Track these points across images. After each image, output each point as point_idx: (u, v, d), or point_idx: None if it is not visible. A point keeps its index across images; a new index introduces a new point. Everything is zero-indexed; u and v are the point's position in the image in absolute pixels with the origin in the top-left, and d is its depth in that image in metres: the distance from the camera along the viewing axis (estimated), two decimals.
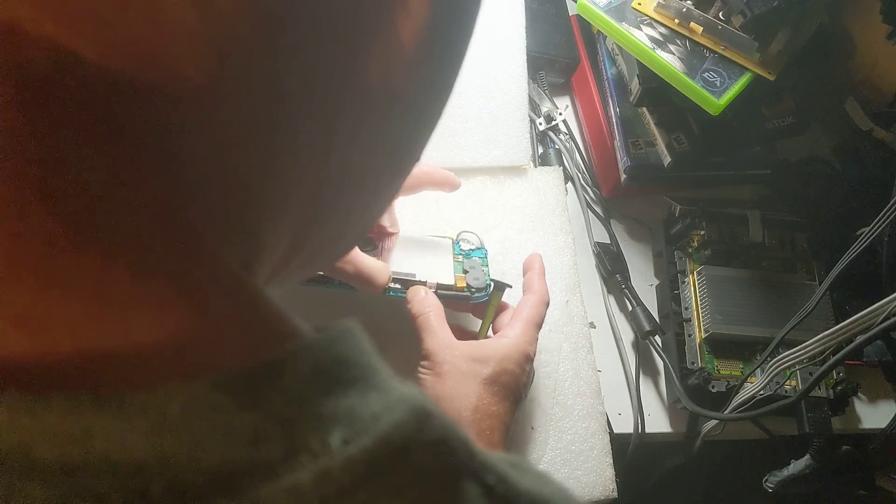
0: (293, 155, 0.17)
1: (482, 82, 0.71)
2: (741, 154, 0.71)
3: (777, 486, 0.60)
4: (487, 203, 0.68)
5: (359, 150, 0.19)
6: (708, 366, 0.64)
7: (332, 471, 0.14)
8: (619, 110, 0.71)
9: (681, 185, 0.73)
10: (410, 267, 0.58)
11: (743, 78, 0.60)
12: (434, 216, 0.66)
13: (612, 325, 0.68)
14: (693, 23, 0.61)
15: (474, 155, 0.69)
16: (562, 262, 0.66)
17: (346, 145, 0.19)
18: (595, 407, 0.61)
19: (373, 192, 0.23)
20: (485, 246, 0.63)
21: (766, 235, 0.69)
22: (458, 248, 0.62)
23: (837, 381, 0.63)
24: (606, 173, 0.73)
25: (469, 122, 0.69)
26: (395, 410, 0.15)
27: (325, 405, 0.15)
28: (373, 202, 0.24)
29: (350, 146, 0.19)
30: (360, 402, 0.15)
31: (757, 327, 0.64)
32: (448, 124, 0.69)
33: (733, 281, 0.66)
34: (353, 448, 0.14)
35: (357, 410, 0.15)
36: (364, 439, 0.14)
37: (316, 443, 0.14)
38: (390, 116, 0.19)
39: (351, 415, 0.15)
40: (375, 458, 0.14)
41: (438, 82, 0.21)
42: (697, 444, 0.64)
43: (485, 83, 0.71)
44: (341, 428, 0.14)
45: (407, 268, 0.57)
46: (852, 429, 0.66)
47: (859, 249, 0.52)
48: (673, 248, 0.69)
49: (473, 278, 0.57)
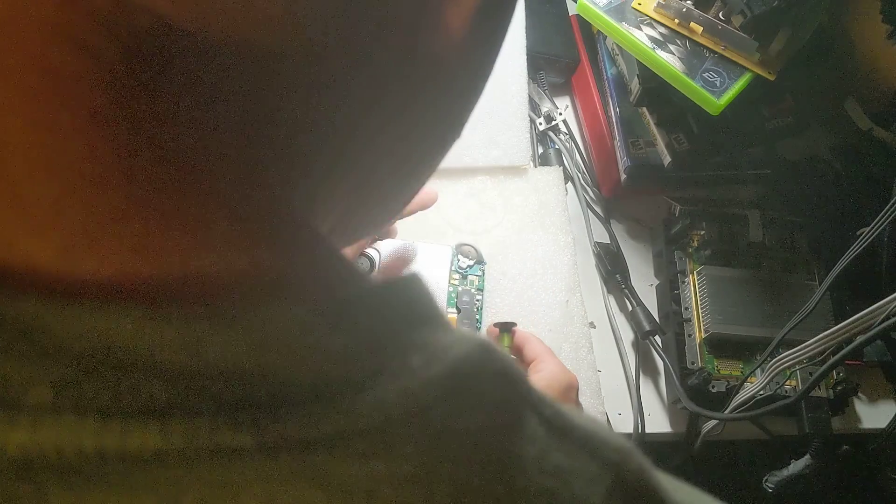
0: (355, 121, 0.19)
1: None
2: (741, 154, 0.71)
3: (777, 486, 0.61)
4: (487, 203, 0.68)
5: (410, 121, 0.21)
6: (708, 366, 0.64)
7: (413, 389, 0.15)
8: (619, 110, 0.71)
9: (681, 185, 0.73)
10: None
11: (743, 78, 0.60)
12: (434, 216, 0.66)
13: (612, 325, 0.68)
14: (693, 23, 0.61)
15: (474, 155, 0.69)
16: (562, 262, 0.66)
17: (399, 116, 0.20)
18: (595, 407, 0.61)
19: (419, 164, 0.24)
20: (484, 259, 0.63)
21: (766, 235, 0.69)
22: (455, 263, 0.62)
23: (837, 381, 0.63)
24: (606, 173, 0.73)
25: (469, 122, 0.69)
26: (464, 344, 0.17)
27: (405, 334, 0.16)
28: (418, 174, 0.26)
29: (403, 117, 0.20)
30: (432, 336, 0.17)
31: (757, 327, 0.64)
32: None
33: (733, 281, 0.66)
34: (430, 371, 0.16)
35: (431, 342, 0.17)
36: (439, 365, 0.16)
37: (398, 365, 0.16)
38: (441, 88, 0.21)
39: (427, 345, 0.16)
40: (449, 382, 0.16)
41: (485, 56, 0.22)
42: (697, 444, 0.64)
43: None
44: (420, 354, 0.16)
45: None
46: (852, 429, 0.66)
47: (859, 249, 0.52)
48: (673, 248, 0.69)
49: (462, 320, 0.57)
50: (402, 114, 0.20)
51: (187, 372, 0.13)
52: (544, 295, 0.64)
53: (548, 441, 0.17)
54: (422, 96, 0.20)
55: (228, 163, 0.16)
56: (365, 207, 0.24)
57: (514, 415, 0.17)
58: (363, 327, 0.16)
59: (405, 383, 0.15)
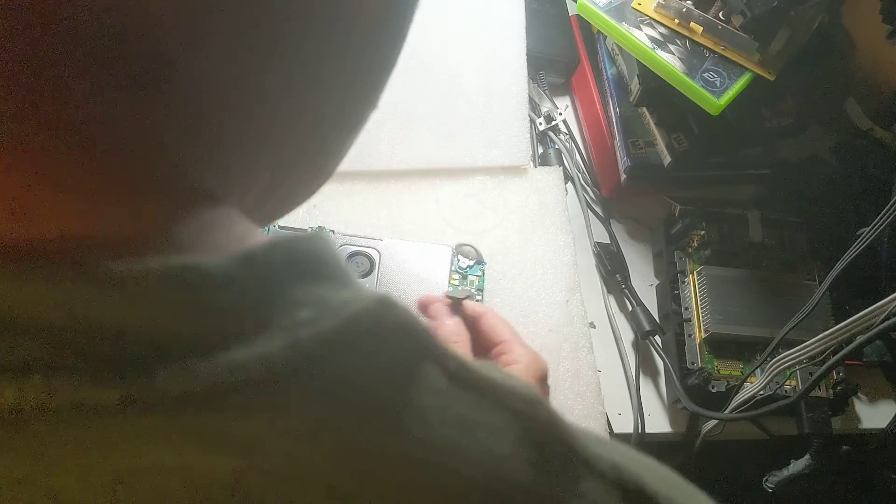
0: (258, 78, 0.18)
1: (482, 82, 0.71)
2: (741, 154, 0.71)
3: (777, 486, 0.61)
4: (487, 203, 0.68)
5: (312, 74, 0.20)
6: (708, 366, 0.64)
7: (301, 342, 0.15)
8: (619, 110, 0.71)
9: (681, 185, 0.73)
10: (403, 283, 0.58)
11: (743, 78, 0.60)
12: (434, 216, 0.66)
13: (612, 325, 0.68)
14: (693, 23, 0.61)
15: (474, 155, 0.69)
16: (562, 262, 0.66)
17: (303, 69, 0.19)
18: (595, 407, 0.61)
19: (339, 123, 0.23)
20: (484, 259, 0.63)
21: (766, 235, 0.69)
22: (455, 263, 0.62)
23: (837, 381, 0.63)
24: (606, 173, 0.73)
25: (469, 122, 0.69)
26: (363, 300, 0.16)
27: (296, 290, 0.16)
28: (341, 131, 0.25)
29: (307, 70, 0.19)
30: (331, 293, 0.17)
31: (757, 327, 0.64)
32: (448, 124, 0.69)
33: (733, 281, 0.66)
34: (322, 325, 0.15)
35: (328, 298, 0.16)
36: (333, 319, 0.16)
37: (287, 319, 0.15)
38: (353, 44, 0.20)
39: (321, 300, 0.16)
40: (342, 336, 0.16)
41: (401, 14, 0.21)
42: (697, 444, 0.64)
43: (485, 83, 0.71)
44: (312, 309, 0.16)
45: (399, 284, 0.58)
46: (852, 429, 0.66)
47: (859, 249, 0.52)
48: (673, 248, 0.69)
49: None
50: (305, 67, 0.19)
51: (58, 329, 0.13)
52: (544, 295, 0.64)
53: (451, 392, 0.17)
54: (338, 51, 0.20)
55: (119, 129, 0.16)
56: (293, 173, 0.23)
57: (413, 367, 0.16)
58: (252, 284, 0.15)
59: (293, 337, 0.15)
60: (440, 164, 0.68)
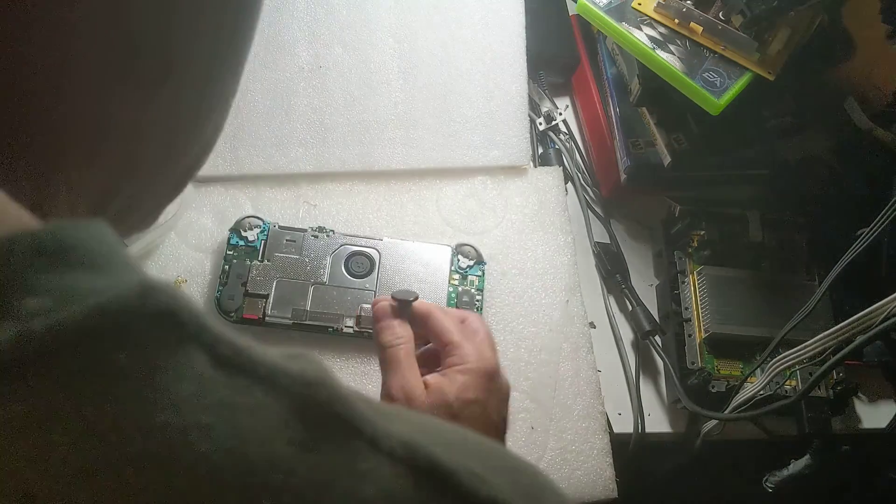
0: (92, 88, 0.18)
1: (482, 82, 0.71)
2: (741, 154, 0.71)
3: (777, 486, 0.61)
4: (487, 203, 0.68)
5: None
6: (708, 366, 0.64)
7: (33, 333, 0.14)
8: (619, 110, 0.71)
9: (681, 185, 0.73)
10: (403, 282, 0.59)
11: (743, 78, 0.60)
12: (434, 216, 0.66)
13: (612, 325, 0.68)
14: (693, 23, 0.61)
15: (474, 155, 0.69)
16: (562, 262, 0.66)
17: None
18: (595, 407, 0.61)
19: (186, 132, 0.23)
20: (484, 259, 0.63)
21: (765, 235, 0.69)
22: (455, 263, 0.62)
23: (837, 381, 0.63)
24: (606, 173, 0.73)
25: (469, 122, 0.69)
26: (120, 287, 0.16)
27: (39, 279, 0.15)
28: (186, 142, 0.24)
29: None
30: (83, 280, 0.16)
31: (757, 327, 0.64)
32: (448, 124, 0.69)
33: (733, 281, 0.66)
34: (60, 314, 0.15)
35: (75, 286, 0.16)
36: (74, 307, 0.15)
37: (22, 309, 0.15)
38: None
39: (67, 288, 0.16)
40: (85, 325, 0.15)
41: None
42: (697, 444, 0.64)
43: (485, 83, 0.71)
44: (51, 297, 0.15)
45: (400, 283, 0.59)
46: (852, 429, 0.66)
47: (859, 249, 0.52)
48: (673, 248, 0.69)
49: None
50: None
51: None
52: (544, 295, 0.64)
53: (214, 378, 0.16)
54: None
55: None
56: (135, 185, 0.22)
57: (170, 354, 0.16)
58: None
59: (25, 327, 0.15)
60: (440, 164, 0.68)
